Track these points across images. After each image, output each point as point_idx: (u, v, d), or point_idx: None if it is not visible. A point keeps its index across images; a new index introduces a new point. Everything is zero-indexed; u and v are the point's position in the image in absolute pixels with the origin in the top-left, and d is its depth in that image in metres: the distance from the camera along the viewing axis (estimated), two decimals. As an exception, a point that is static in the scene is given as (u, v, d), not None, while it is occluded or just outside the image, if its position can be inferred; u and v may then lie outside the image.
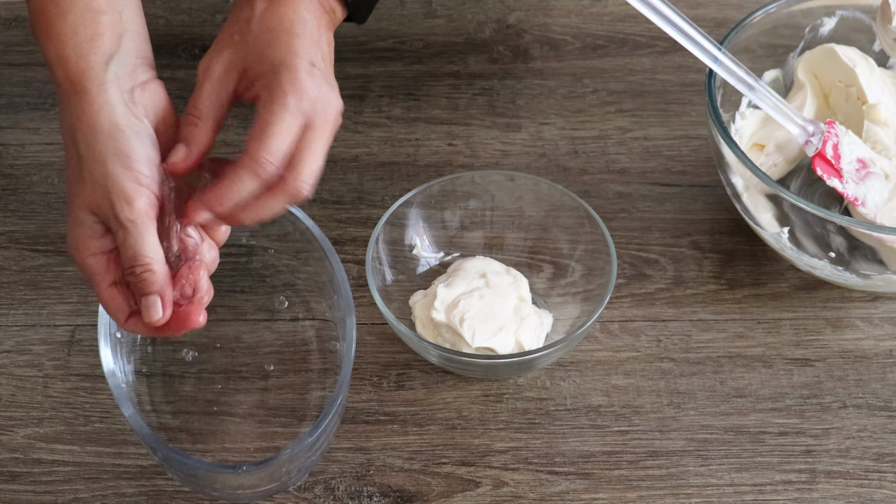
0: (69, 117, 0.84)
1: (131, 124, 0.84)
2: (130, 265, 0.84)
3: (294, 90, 0.84)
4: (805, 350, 1.03)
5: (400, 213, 1.05)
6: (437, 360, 1.00)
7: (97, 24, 0.84)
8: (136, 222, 0.83)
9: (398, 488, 0.96)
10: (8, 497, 0.95)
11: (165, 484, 0.96)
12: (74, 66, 0.83)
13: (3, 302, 1.06)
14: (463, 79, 1.22)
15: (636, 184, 1.14)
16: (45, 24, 0.84)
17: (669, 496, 0.95)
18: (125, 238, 0.83)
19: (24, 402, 1.00)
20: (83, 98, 0.83)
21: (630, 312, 1.05)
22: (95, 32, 0.84)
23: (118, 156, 0.83)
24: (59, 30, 0.84)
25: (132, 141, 0.83)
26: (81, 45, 0.84)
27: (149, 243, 0.84)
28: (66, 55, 0.84)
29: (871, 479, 0.96)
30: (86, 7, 0.84)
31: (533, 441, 0.98)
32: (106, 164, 0.83)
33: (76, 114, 0.83)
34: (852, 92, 1.08)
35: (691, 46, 0.99)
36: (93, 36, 0.84)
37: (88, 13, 0.84)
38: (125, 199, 0.83)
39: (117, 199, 0.83)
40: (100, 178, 0.83)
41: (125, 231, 0.83)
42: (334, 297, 0.96)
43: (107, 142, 0.83)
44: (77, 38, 0.84)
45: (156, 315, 0.84)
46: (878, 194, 1.04)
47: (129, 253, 0.84)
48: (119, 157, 0.83)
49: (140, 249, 0.83)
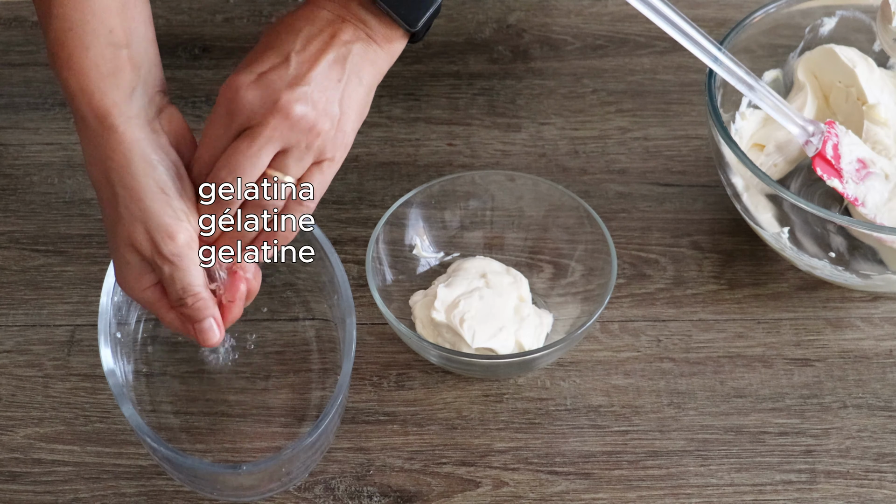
0: (99, 156, 0.84)
1: (162, 159, 0.84)
2: (180, 297, 0.86)
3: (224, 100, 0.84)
4: (805, 350, 1.03)
5: (400, 213, 1.05)
6: (437, 360, 1.00)
7: (118, 58, 0.84)
8: (182, 255, 0.84)
9: (398, 488, 0.96)
10: (8, 497, 0.95)
11: (165, 484, 0.96)
12: (99, 102, 0.83)
13: (3, 302, 1.06)
14: (463, 79, 1.22)
15: (636, 184, 1.14)
16: (66, 57, 0.84)
17: (669, 496, 0.95)
18: (172, 272, 0.85)
19: (24, 402, 1.00)
20: (112, 135, 0.83)
21: (630, 312, 1.05)
22: (117, 67, 0.84)
23: (155, 192, 0.84)
24: (81, 63, 0.83)
25: (166, 176, 0.84)
26: (105, 80, 0.83)
27: (194, 275, 0.85)
28: (90, 90, 0.83)
29: (871, 479, 0.96)
30: (107, 41, 0.84)
31: (533, 441, 0.98)
32: (143, 201, 0.83)
33: (107, 152, 0.83)
34: (852, 92, 1.08)
35: (691, 46, 0.99)
36: (115, 70, 0.84)
37: (110, 48, 0.84)
38: (167, 235, 0.84)
39: (159, 235, 0.84)
40: (139, 215, 0.84)
41: (171, 266, 0.84)
42: (334, 297, 0.96)
43: (142, 178, 0.83)
44: (100, 72, 0.83)
45: (213, 338, 0.88)
46: (878, 194, 1.04)
47: (178, 286, 0.85)
48: (156, 193, 0.84)
49: (189, 281, 0.85)
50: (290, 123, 0.83)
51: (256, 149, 0.83)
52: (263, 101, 0.83)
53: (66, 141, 1.17)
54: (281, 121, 0.83)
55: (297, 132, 0.83)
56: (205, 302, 0.86)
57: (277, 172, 0.84)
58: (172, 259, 0.84)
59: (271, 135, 0.83)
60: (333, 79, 0.85)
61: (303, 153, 0.84)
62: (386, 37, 0.87)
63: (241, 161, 0.83)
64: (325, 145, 0.85)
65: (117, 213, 0.84)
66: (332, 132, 0.85)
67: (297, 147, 0.84)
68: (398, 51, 0.88)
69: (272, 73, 0.84)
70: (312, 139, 0.84)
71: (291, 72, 0.84)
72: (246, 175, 0.84)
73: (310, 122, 0.83)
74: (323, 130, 0.84)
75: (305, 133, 0.84)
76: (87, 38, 0.84)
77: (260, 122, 0.83)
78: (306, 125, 0.83)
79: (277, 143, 0.83)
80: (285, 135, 0.83)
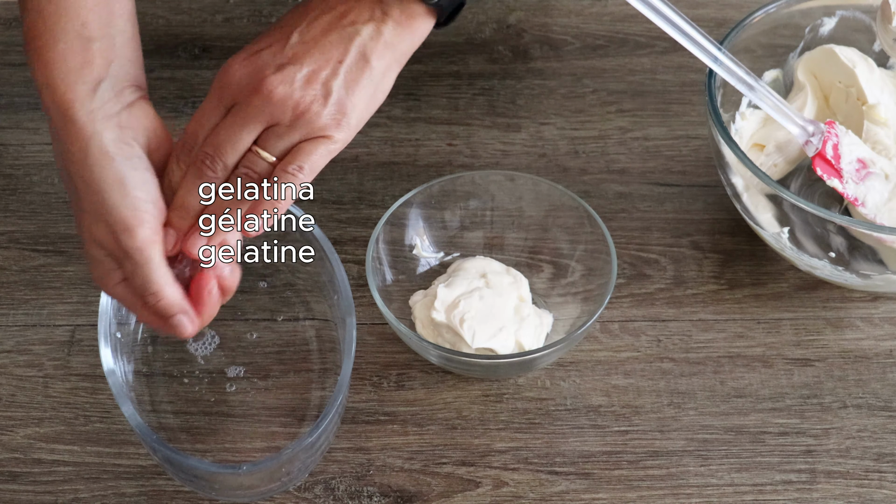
0: (61, 149, 0.84)
1: (121, 150, 0.83)
2: (142, 294, 0.84)
3: (218, 75, 0.84)
4: (805, 350, 1.03)
5: (400, 213, 1.05)
6: (437, 360, 1.00)
7: (88, 51, 0.83)
8: (141, 249, 0.83)
9: (398, 488, 0.96)
10: (8, 497, 0.95)
11: (165, 484, 0.96)
12: (62, 96, 0.83)
13: (3, 302, 1.06)
14: (463, 79, 1.22)
15: (636, 184, 1.14)
16: (36, 50, 0.83)
17: (669, 496, 0.95)
18: (133, 268, 0.84)
19: (24, 402, 1.00)
20: (72, 128, 0.82)
21: (630, 312, 1.05)
22: (85, 60, 0.83)
23: (113, 184, 0.82)
24: (49, 56, 0.83)
25: (124, 167, 0.83)
26: (70, 74, 0.83)
27: (156, 270, 0.84)
28: (55, 83, 0.83)
29: (871, 479, 0.96)
30: (77, 34, 0.83)
31: (533, 441, 0.98)
32: (101, 194, 0.82)
33: (67, 145, 0.83)
34: (852, 92, 1.08)
35: (691, 46, 0.98)
36: (82, 64, 0.83)
37: (79, 41, 0.83)
38: (125, 228, 0.82)
39: (118, 228, 0.82)
40: (99, 209, 0.83)
41: (132, 261, 0.83)
42: (334, 297, 0.96)
43: (99, 171, 0.82)
44: (66, 66, 0.83)
45: (186, 331, 0.86)
46: (878, 194, 1.04)
47: (139, 282, 0.84)
48: (114, 186, 0.82)
49: (150, 277, 0.84)
50: (272, 103, 0.83)
51: (238, 127, 0.83)
52: (250, 80, 0.83)
53: (66, 141, 1.17)
54: (262, 100, 0.83)
55: (279, 111, 0.83)
56: (167, 301, 0.85)
57: (261, 149, 0.84)
58: (132, 253, 0.83)
59: (252, 113, 0.83)
60: (333, 59, 0.84)
61: (285, 131, 0.84)
62: (406, 14, 0.86)
63: (223, 138, 0.83)
64: (315, 124, 0.84)
65: (80, 208, 0.84)
66: (325, 112, 0.84)
67: (280, 125, 0.84)
68: (423, 31, 0.87)
69: (266, 51, 0.84)
70: (297, 118, 0.83)
71: (287, 52, 0.84)
72: (228, 152, 0.83)
73: (293, 102, 0.83)
74: (310, 110, 0.83)
75: (289, 112, 0.83)
76: (58, 31, 0.83)
77: (244, 100, 0.83)
78: (289, 105, 0.83)
79: (259, 121, 0.83)
80: (267, 113, 0.83)
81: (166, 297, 0.85)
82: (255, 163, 0.84)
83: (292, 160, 0.84)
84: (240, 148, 0.84)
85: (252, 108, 0.83)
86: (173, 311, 0.85)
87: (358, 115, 0.86)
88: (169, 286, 0.85)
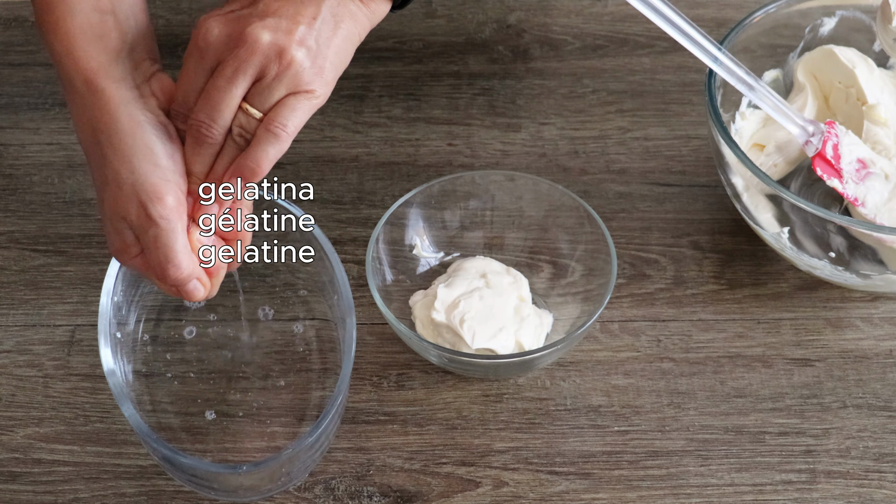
0: (87, 118, 0.84)
1: (150, 119, 0.84)
2: (163, 264, 0.85)
3: (194, 38, 0.84)
4: (805, 350, 1.03)
5: (400, 213, 1.05)
6: (437, 360, 1.00)
7: (104, 24, 0.85)
8: (169, 218, 0.84)
9: (398, 488, 0.96)
10: (8, 497, 0.95)
11: (165, 484, 0.96)
12: (85, 64, 0.84)
13: (3, 302, 1.06)
14: (463, 79, 1.22)
15: (636, 184, 1.14)
16: (53, 22, 0.85)
17: (669, 496, 0.95)
18: (157, 235, 0.84)
19: (24, 402, 1.00)
20: (99, 97, 0.84)
21: (630, 312, 1.05)
22: (103, 32, 0.84)
23: (143, 153, 0.83)
24: (68, 27, 0.84)
25: (153, 137, 0.84)
26: (91, 44, 0.84)
27: (181, 240, 0.84)
28: (77, 53, 0.84)
29: (871, 479, 0.96)
30: (93, 7, 0.85)
31: (533, 441, 0.98)
32: (132, 161, 0.83)
33: (95, 113, 0.84)
34: (852, 93, 1.08)
35: (691, 46, 0.99)
36: (101, 35, 0.84)
37: (96, 13, 0.85)
38: (155, 196, 0.83)
39: (147, 196, 0.83)
40: (127, 177, 0.83)
41: (157, 228, 0.84)
42: (334, 297, 0.96)
43: (130, 140, 0.83)
44: (86, 36, 0.84)
45: (199, 295, 0.87)
46: (878, 194, 1.04)
47: (161, 252, 0.84)
48: (144, 154, 0.83)
49: (172, 247, 0.84)
50: (258, 52, 0.82)
51: (227, 85, 0.83)
52: (230, 34, 0.83)
53: (66, 141, 1.17)
54: (248, 51, 0.82)
55: (265, 61, 0.83)
56: (187, 270, 0.85)
57: (249, 106, 0.84)
58: (159, 221, 0.83)
59: (241, 68, 0.83)
60: (308, 16, 0.84)
61: (271, 84, 0.83)
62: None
63: (216, 100, 0.83)
64: (300, 76, 0.83)
65: (105, 177, 0.84)
66: (308, 65, 0.83)
67: (266, 78, 0.83)
68: (380, 13, 0.88)
69: (241, 10, 0.84)
70: (283, 68, 0.83)
71: (260, 7, 0.84)
72: (222, 111, 0.83)
73: (278, 48, 0.82)
74: (295, 59, 0.83)
75: (275, 60, 0.83)
76: (73, 3, 0.84)
77: (229, 55, 0.83)
78: (275, 51, 0.82)
79: (248, 73, 0.83)
80: (254, 63, 0.83)
81: (185, 269, 0.85)
82: (247, 121, 0.84)
83: (276, 117, 0.84)
84: (233, 105, 0.84)
85: (239, 62, 0.82)
86: (190, 280, 0.86)
87: (333, 72, 0.85)
88: (188, 256, 0.85)
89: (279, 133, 0.84)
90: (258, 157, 0.84)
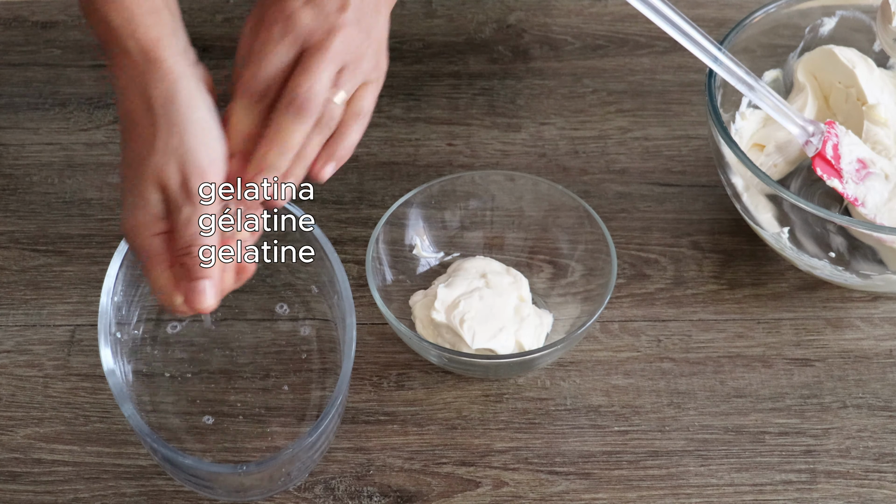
0: (141, 87, 0.84)
1: (205, 99, 0.85)
2: (189, 243, 0.84)
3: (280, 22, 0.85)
4: (805, 350, 1.03)
5: (400, 213, 1.05)
6: (437, 360, 1.00)
7: (153, 2, 0.85)
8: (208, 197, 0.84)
9: (398, 488, 0.96)
10: (8, 497, 0.95)
11: (165, 484, 0.96)
12: (144, 34, 0.84)
13: (3, 302, 1.06)
14: (463, 79, 1.22)
15: (636, 184, 1.14)
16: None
17: (669, 496, 0.95)
18: (191, 213, 0.84)
19: (24, 402, 1.00)
20: (158, 68, 0.84)
21: (630, 312, 1.05)
22: (155, 7, 0.85)
23: (198, 128, 0.84)
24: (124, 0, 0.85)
25: (208, 115, 0.85)
26: (148, 16, 0.84)
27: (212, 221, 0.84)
28: (135, 23, 0.84)
29: (871, 479, 0.96)
30: None
31: (533, 441, 0.98)
32: (184, 136, 0.83)
33: (151, 83, 0.84)
34: (852, 93, 1.08)
35: (691, 46, 0.99)
36: (155, 9, 0.85)
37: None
38: (202, 172, 0.83)
39: (192, 171, 0.83)
40: (177, 149, 0.83)
41: (193, 206, 0.84)
42: (334, 297, 0.96)
43: (186, 113, 0.84)
44: (143, 9, 0.84)
45: (205, 303, 0.85)
46: (878, 194, 1.04)
47: (192, 229, 0.84)
48: (198, 130, 0.84)
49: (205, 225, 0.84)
50: (346, 43, 0.85)
51: (323, 66, 0.85)
52: (320, 22, 0.85)
53: (66, 141, 1.17)
54: (340, 41, 0.85)
55: (351, 52, 0.86)
56: (210, 255, 0.84)
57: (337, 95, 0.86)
58: (196, 198, 0.83)
59: (333, 55, 0.85)
60: (370, 5, 0.87)
61: (353, 73, 0.86)
62: None
63: (314, 77, 0.84)
64: (370, 67, 0.87)
65: (152, 147, 0.84)
66: (373, 54, 0.87)
67: (349, 67, 0.86)
68: None
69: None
70: (360, 60, 0.86)
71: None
72: (320, 90, 0.85)
73: (358, 42, 0.86)
74: (368, 52, 0.87)
75: (356, 53, 0.86)
76: None
77: (320, 40, 0.85)
78: (356, 45, 0.86)
79: (338, 61, 0.85)
80: (342, 54, 0.85)
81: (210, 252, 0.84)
82: (334, 109, 0.86)
83: (359, 101, 0.87)
84: (328, 87, 0.86)
85: (332, 48, 0.85)
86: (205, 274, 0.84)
87: (386, 61, 0.90)
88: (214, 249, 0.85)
89: (364, 119, 0.87)
90: (352, 141, 0.87)
